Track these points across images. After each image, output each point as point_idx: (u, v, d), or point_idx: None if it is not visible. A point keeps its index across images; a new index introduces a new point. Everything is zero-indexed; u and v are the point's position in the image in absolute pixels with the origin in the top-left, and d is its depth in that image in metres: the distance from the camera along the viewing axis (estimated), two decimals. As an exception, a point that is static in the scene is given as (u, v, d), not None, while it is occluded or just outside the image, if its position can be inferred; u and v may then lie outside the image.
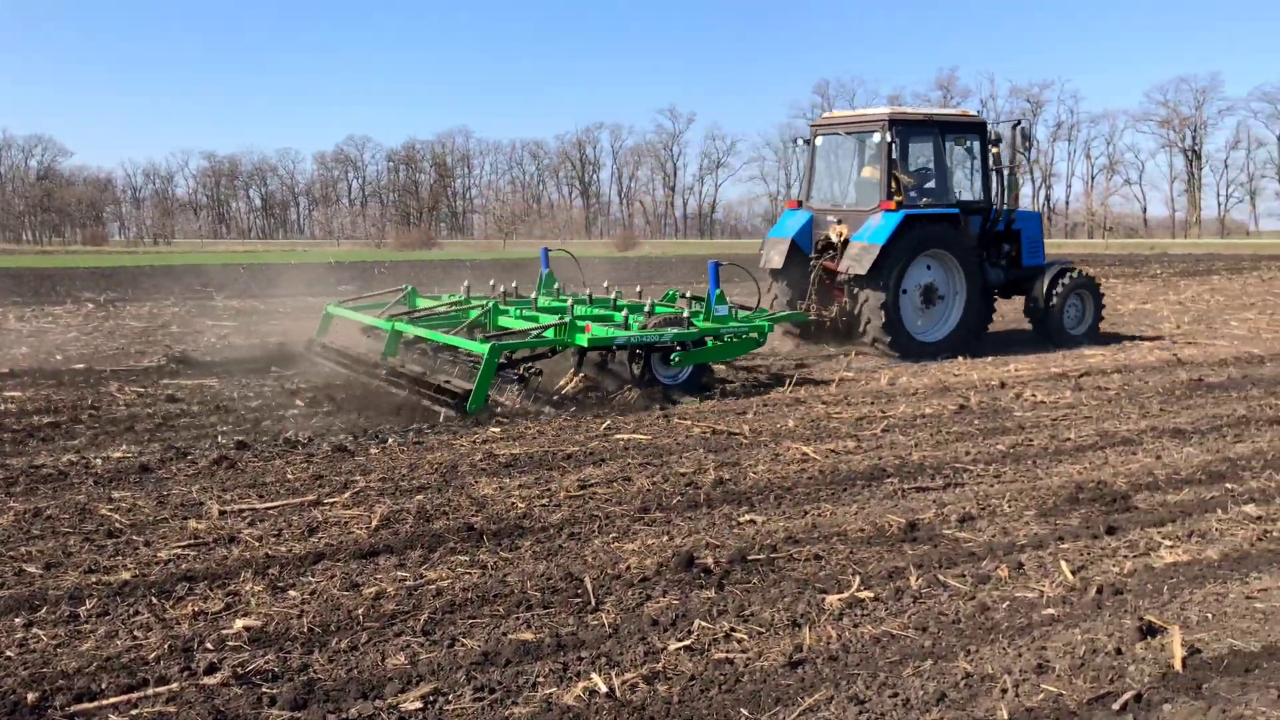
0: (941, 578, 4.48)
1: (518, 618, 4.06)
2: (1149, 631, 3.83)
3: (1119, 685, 3.42)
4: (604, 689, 3.40)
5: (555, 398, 8.65)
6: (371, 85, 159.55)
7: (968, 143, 13.14)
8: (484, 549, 4.90)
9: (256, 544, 4.92)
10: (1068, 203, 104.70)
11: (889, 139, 11.93)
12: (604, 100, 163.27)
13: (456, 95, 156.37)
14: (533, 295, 11.51)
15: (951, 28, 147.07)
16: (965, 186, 13.26)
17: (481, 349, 8.30)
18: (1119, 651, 3.68)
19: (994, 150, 12.92)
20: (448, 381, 8.51)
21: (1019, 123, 13.14)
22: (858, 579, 4.44)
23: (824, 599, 4.22)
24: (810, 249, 12.78)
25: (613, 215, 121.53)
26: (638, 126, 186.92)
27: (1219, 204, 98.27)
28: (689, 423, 7.85)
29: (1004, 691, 3.39)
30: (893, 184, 11.94)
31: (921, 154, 12.84)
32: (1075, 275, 13.35)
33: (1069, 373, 10.54)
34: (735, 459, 6.74)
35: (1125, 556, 4.79)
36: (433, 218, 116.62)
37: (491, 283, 11.61)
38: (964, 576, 4.50)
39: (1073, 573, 4.54)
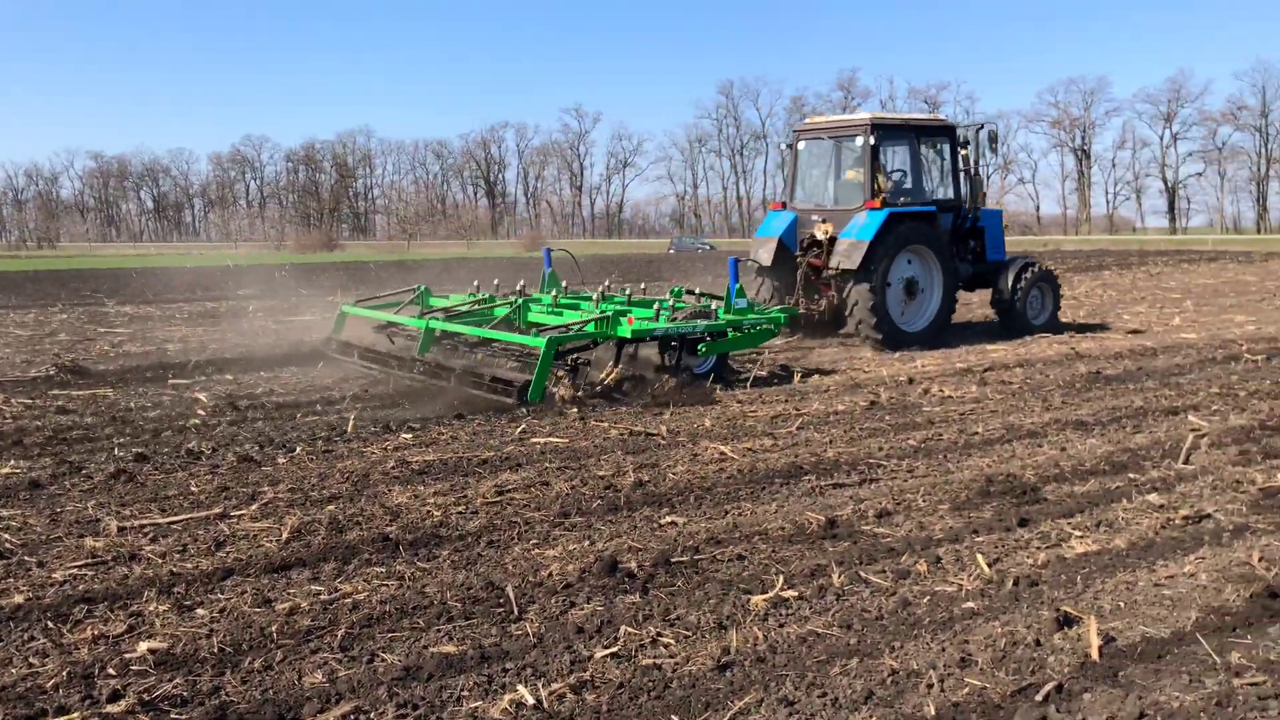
0: (863, 574, 4.52)
1: (439, 630, 3.96)
2: (1066, 622, 3.91)
3: (1040, 676, 3.48)
4: (531, 701, 3.33)
5: (597, 388, 9.02)
6: (269, 84, 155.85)
7: (939, 145, 14.08)
8: (400, 559, 4.77)
9: (160, 561, 4.71)
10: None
11: (871, 142, 12.78)
12: (509, 99, 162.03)
13: (358, 94, 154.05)
14: (541, 292, 12.09)
15: (852, 30, 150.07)
16: (937, 186, 14.11)
17: (539, 342, 8.84)
18: (1038, 643, 3.75)
19: (963, 152, 13.82)
20: (501, 374, 8.93)
21: (982, 126, 14.02)
22: (781, 578, 4.45)
23: (749, 600, 4.21)
24: (795, 247, 13.54)
25: (519, 215, 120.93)
26: (544, 126, 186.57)
27: (1108, 201, 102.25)
28: (606, 424, 7.80)
29: (930, 687, 3.42)
30: (875, 184, 12.78)
31: (898, 156, 13.67)
32: (1036, 269, 14.23)
33: (973, 368, 10.79)
34: (654, 460, 6.71)
35: (1038, 548, 4.89)
36: (334, 219, 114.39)
37: (496, 282, 11.88)
38: (885, 572, 4.54)
39: (989, 565, 4.62)
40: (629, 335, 9.26)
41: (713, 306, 10.33)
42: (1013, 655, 3.66)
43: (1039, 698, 3.32)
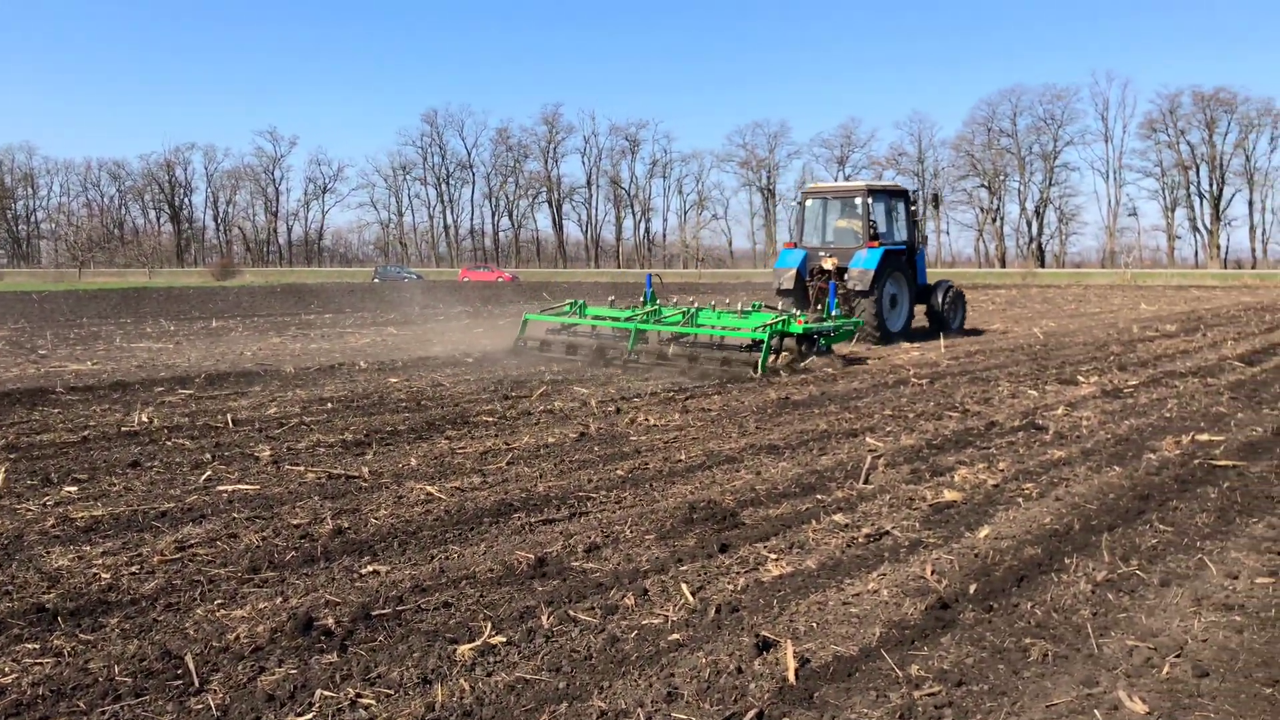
0: (572, 613, 4.47)
1: (103, 712, 3.51)
2: (764, 646, 4.04)
3: (743, 704, 3.56)
4: (211, 786, 3.00)
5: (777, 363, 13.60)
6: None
7: (899, 203, 19.66)
8: (59, 633, 4.22)
9: None
10: (665, 235, 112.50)
11: (867, 201, 18.60)
12: (195, 119, 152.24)
13: (18, 106, 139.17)
14: (647, 306, 16.32)
15: (556, 66, 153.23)
16: (898, 231, 19.53)
17: (762, 336, 13.47)
18: (740, 670, 3.85)
19: (913, 208, 19.88)
20: (730, 357, 13.70)
21: (917, 191, 20.92)
22: (489, 624, 4.32)
23: (455, 650, 4.04)
24: (806, 274, 18.99)
25: (209, 242, 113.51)
26: (235, 148, 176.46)
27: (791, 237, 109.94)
28: (301, 468, 7.35)
29: (638, 726, 3.41)
30: (871, 231, 18.37)
31: (878, 211, 19.00)
32: (953, 289, 20.11)
33: (675, 396, 11.15)
34: (355, 505, 6.39)
35: (738, 573, 5.05)
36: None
37: (611, 299, 17.01)
38: (593, 609, 4.52)
39: (693, 594, 4.71)
40: (800, 332, 13.85)
41: (794, 313, 14.71)
42: (716, 685, 3.72)
43: (742, 726, 3.39)
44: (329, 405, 10.39)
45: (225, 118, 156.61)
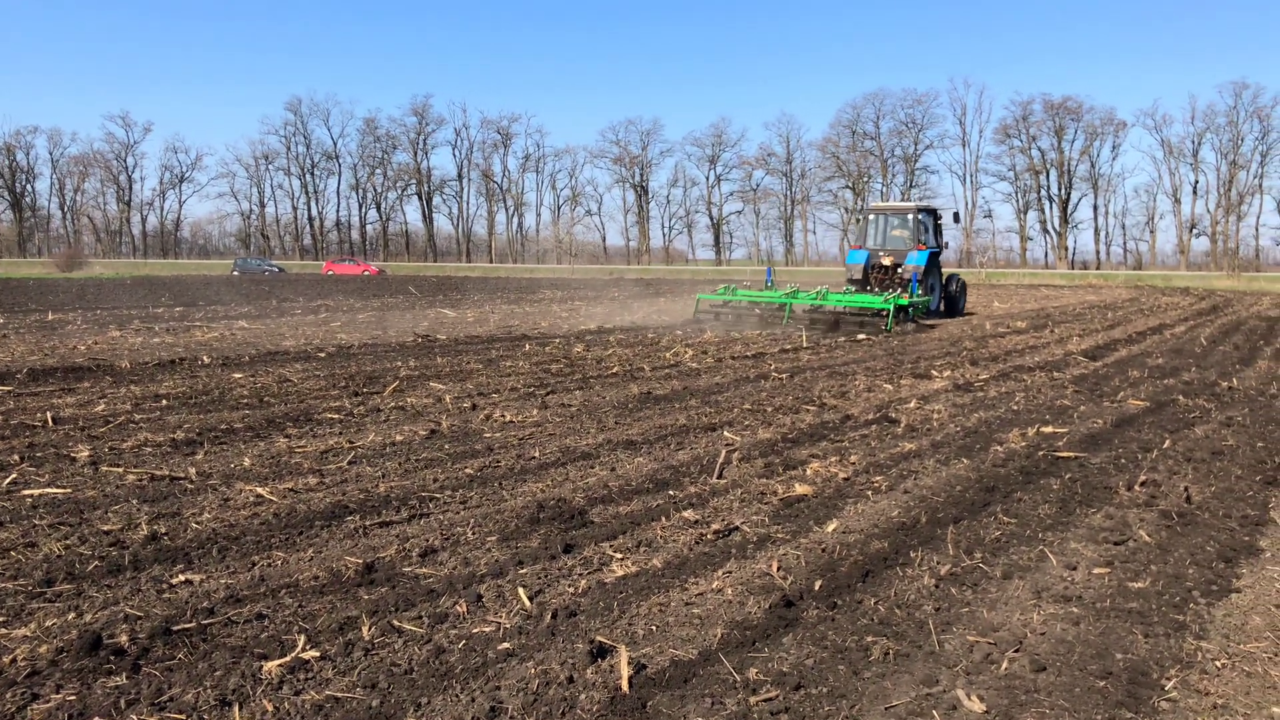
0: (397, 623, 4.17)
1: None
2: (599, 653, 3.82)
3: (571, 718, 3.34)
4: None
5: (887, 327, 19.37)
6: None
7: (930, 218, 25.86)
8: None
9: None
10: (538, 230, 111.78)
11: (917, 218, 25.15)
12: (38, 101, 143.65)
13: None
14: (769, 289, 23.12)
15: (426, 56, 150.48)
16: (932, 238, 25.68)
17: (888, 306, 19.71)
18: (571, 680, 3.62)
19: (938, 221, 26.31)
20: (868, 319, 20.20)
21: (935, 208, 26.53)
22: (304, 637, 3.98)
23: (262, 667, 3.70)
24: (869, 267, 25.13)
25: (54, 231, 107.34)
26: (83, 133, 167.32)
27: (664, 234, 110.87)
28: (122, 469, 6.81)
29: (456, 746, 3.15)
30: (918, 238, 24.83)
31: (923, 224, 25.29)
32: (960, 281, 27.40)
33: (536, 391, 10.88)
34: (175, 508, 5.92)
35: (580, 575, 4.83)
36: None
37: (747, 282, 25.76)
38: (421, 618, 4.23)
39: (530, 599, 4.47)
40: (906, 305, 20.20)
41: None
42: (545, 697, 3.49)
43: (567, 742, 3.16)
44: (163, 402, 9.75)
45: (72, 100, 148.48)
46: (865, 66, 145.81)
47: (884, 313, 19.89)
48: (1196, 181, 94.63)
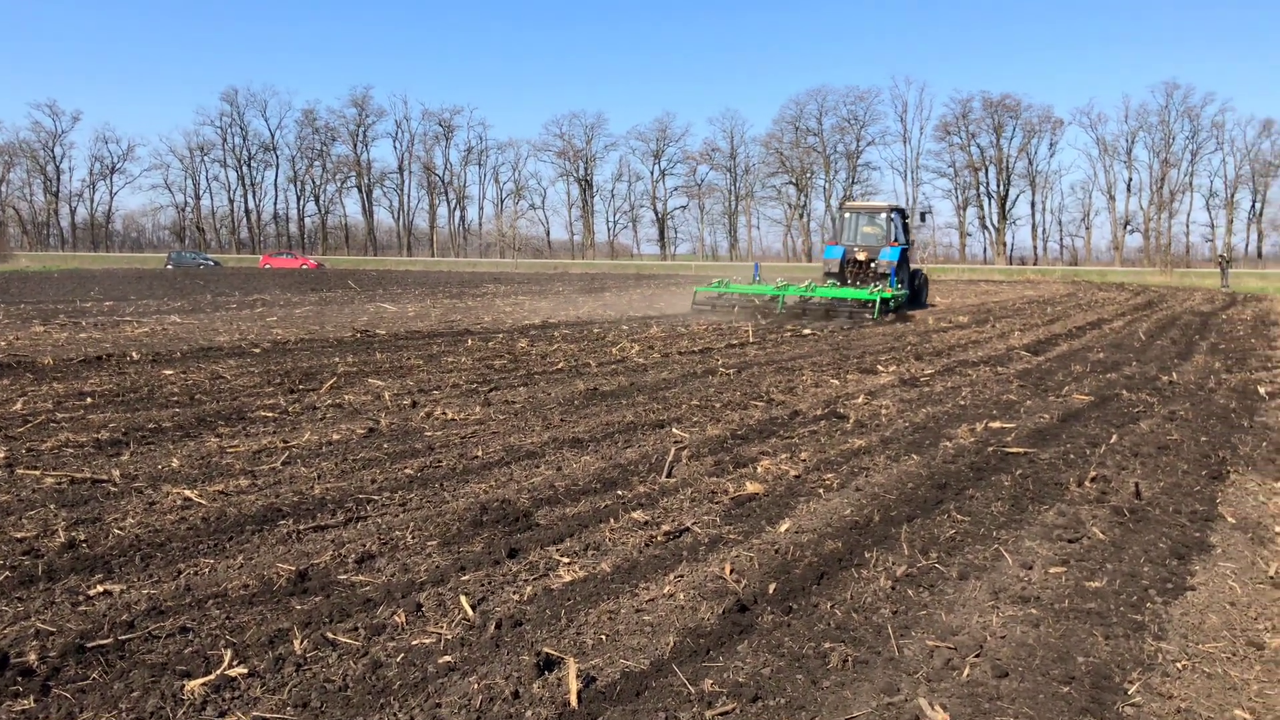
0: (331, 635, 3.93)
1: None
2: (546, 666, 3.63)
3: (516, 737, 3.15)
4: None
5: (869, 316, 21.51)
6: None
7: (900, 216, 27.12)
8: None
9: None
10: (481, 224, 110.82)
11: (890, 216, 26.51)
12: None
13: None
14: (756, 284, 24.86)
15: (365, 48, 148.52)
16: (901, 235, 26.84)
17: (873, 297, 21.78)
18: (516, 695, 3.42)
19: (906, 220, 27.73)
20: (854, 310, 22.05)
21: (903, 208, 27.73)
22: (231, 652, 3.73)
23: (184, 686, 3.45)
24: (844, 262, 26.06)
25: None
26: (8, 121, 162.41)
27: (609, 229, 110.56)
28: (39, 472, 6.45)
29: (393, 770, 2.94)
30: (890, 235, 26.08)
31: (894, 222, 26.63)
32: (923, 274, 28.82)
33: (479, 388, 10.63)
34: (96, 513, 5.60)
35: (526, 581, 4.63)
36: None
37: (737, 278, 27.39)
38: (356, 630, 4.00)
39: (473, 607, 4.25)
40: (889, 298, 22.52)
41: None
42: (489, 714, 3.29)
43: (513, 764, 2.97)
44: (88, 401, 9.34)
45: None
46: (808, 63, 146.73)
47: (870, 303, 22.03)
48: (1130, 179, 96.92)
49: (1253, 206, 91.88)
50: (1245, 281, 53.79)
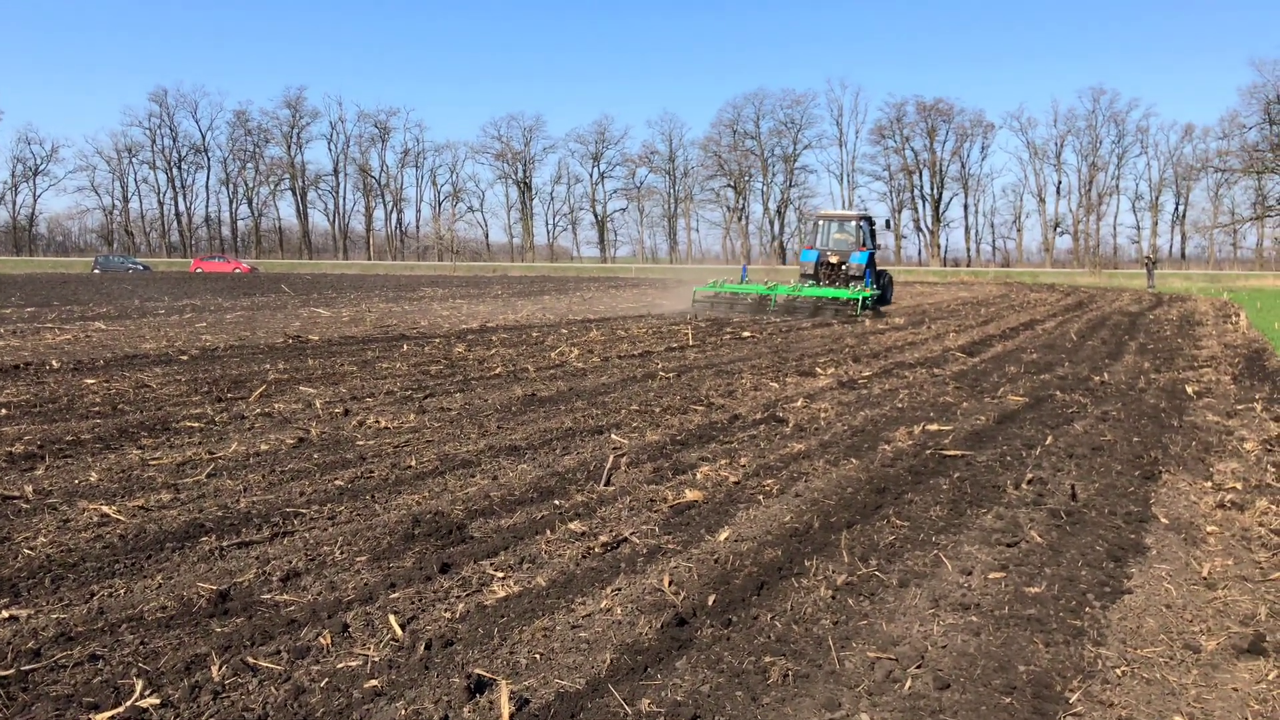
0: (251, 660, 3.75)
1: None
2: (478, 688, 3.49)
3: (445, 766, 3.01)
4: None
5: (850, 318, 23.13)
6: None
7: (868, 223, 28.82)
8: None
9: None
10: (418, 227, 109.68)
11: (859, 224, 28.20)
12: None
13: None
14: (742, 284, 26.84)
15: (298, 48, 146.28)
16: (869, 241, 28.51)
17: (854, 296, 24.08)
18: (446, 720, 3.29)
19: (873, 227, 29.24)
20: (840, 307, 23.99)
21: (871, 216, 29.57)
22: (143, 681, 3.54)
23: (91, 719, 3.25)
24: (819, 264, 27.64)
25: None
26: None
27: (548, 231, 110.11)
28: (-55, 490, 6.14)
29: (314, 806, 2.78)
30: (860, 240, 27.74)
31: (863, 228, 28.25)
32: (888, 275, 29.72)
33: (413, 395, 10.42)
34: (5, 532, 5.33)
35: (458, 597, 4.48)
36: None
37: (730, 279, 29.00)
38: (279, 653, 3.82)
39: (402, 627, 4.10)
40: (867, 297, 24.38)
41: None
42: (417, 743, 3.15)
43: (441, 796, 2.83)
44: (1, 412, 8.96)
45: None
46: (745, 66, 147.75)
47: (852, 302, 24.16)
48: (1060, 182, 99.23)
49: (1176, 209, 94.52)
50: (1170, 282, 55.26)
